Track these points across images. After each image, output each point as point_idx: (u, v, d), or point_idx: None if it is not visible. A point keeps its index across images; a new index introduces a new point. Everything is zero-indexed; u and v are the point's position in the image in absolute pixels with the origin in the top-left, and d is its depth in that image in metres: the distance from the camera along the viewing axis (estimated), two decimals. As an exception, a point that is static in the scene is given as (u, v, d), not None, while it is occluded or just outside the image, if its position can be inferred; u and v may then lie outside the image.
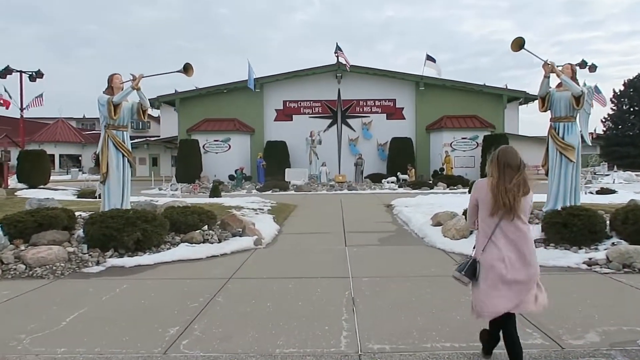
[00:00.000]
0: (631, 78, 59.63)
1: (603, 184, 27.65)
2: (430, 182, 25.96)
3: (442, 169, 28.09)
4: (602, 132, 62.95)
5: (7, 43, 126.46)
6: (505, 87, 31.10)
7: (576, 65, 28.21)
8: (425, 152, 30.10)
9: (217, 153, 29.87)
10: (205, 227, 8.80)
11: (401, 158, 27.87)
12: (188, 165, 27.70)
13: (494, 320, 3.44)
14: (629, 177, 31.19)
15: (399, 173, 26.18)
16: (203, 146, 29.65)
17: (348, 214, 13.61)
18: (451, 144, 29.20)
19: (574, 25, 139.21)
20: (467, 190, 22.83)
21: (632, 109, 59.39)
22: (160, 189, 25.61)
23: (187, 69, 8.57)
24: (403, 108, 30.64)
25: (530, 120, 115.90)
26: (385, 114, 30.66)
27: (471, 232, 8.49)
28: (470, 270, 3.38)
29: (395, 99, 30.65)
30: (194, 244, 8.19)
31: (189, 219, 8.54)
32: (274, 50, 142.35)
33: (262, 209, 14.13)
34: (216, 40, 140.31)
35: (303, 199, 19.46)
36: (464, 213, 9.18)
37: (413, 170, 27.00)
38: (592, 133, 69.43)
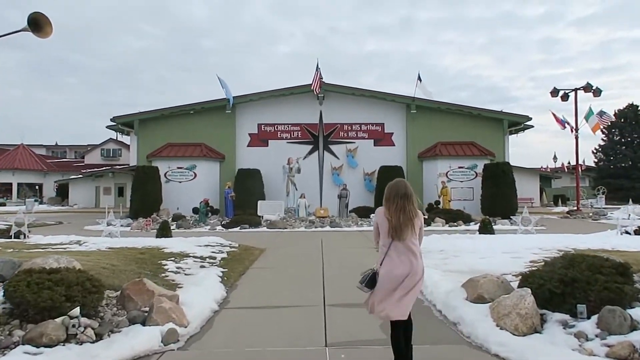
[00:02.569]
0: (622, 108, 58.08)
1: (615, 220, 24.54)
2: (426, 217, 22.44)
3: (437, 202, 24.65)
4: (593, 164, 60.93)
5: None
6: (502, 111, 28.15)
7: (581, 88, 25.15)
8: (417, 183, 26.64)
9: (180, 182, 26.01)
10: (78, 308, 4.94)
11: (391, 189, 24.36)
12: (145, 196, 23.72)
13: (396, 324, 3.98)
14: (634, 210, 28.16)
15: (389, 206, 22.60)
16: (165, 174, 25.79)
17: (330, 264, 9.88)
18: (447, 173, 25.90)
19: (547, 62, 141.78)
20: (476, 227, 19.36)
21: (623, 140, 57.53)
22: (109, 224, 21.60)
23: (37, 23, 4.90)
24: (392, 133, 27.37)
25: (516, 152, 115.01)
26: (372, 140, 27.32)
27: (542, 324, 4.89)
28: (371, 282, 3.98)
29: (383, 123, 27.40)
30: (42, 347, 4.38)
31: (43, 295, 4.72)
32: (256, 79, 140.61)
33: (214, 258, 10.35)
34: (199, 70, 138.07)
35: (275, 239, 15.69)
36: (521, 282, 5.57)
37: (405, 203, 23.48)
38: (581, 165, 67.54)
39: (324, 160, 27.14)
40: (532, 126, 28.72)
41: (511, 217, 22.51)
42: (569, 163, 71.12)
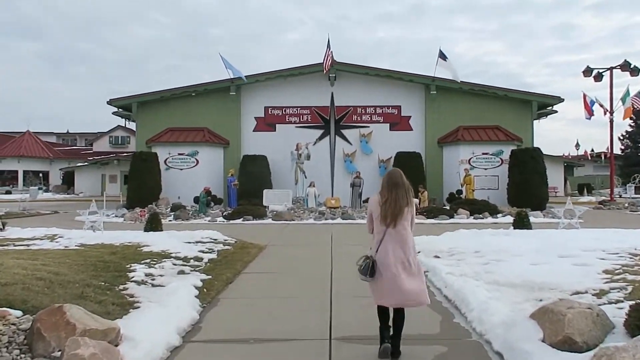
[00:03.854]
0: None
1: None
2: (447, 207, 20.46)
3: (459, 192, 22.59)
4: (619, 152, 58.02)
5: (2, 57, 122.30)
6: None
7: (618, 66, 22.70)
8: (437, 170, 24.63)
9: (181, 169, 24.26)
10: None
11: (408, 178, 22.09)
12: (143, 184, 22.02)
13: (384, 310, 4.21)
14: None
15: (406, 196, 20.59)
16: (165, 161, 24.07)
17: (340, 270, 8.00)
18: (470, 160, 23.75)
19: (563, 48, 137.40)
20: (504, 220, 17.33)
21: (650, 125, 54.48)
22: (106, 214, 20.00)
23: None
24: (410, 117, 25.23)
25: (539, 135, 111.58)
26: (388, 124, 25.22)
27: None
28: (370, 271, 4.11)
29: (400, 106, 25.26)
30: None
31: None
32: (266, 68, 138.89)
33: (200, 259, 8.57)
34: (209, 59, 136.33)
35: (279, 234, 13.87)
36: (633, 314, 3.64)
37: (425, 192, 21.48)
38: (606, 152, 64.38)
39: (335, 146, 25.15)
40: (556, 111, 26.39)
41: (550, 208, 20.41)
42: (592, 150, 68.07)
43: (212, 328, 5.04)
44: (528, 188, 20.78)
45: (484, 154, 23.86)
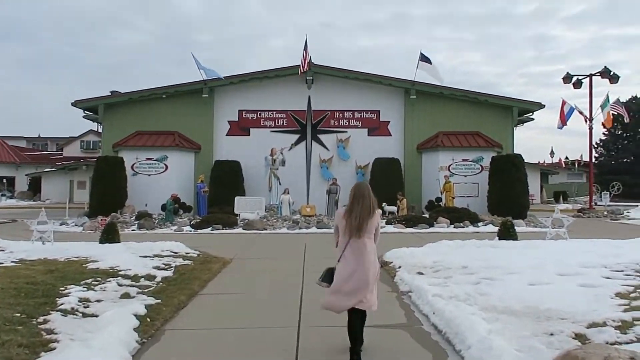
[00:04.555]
0: (624, 101, 55.70)
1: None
2: (426, 216, 19.72)
3: (439, 199, 21.88)
4: (594, 159, 58.60)
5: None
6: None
7: (597, 73, 22.41)
8: (416, 177, 23.90)
9: (149, 175, 22.92)
10: None
11: (387, 184, 21.40)
12: (107, 191, 20.62)
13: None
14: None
15: (384, 204, 19.75)
16: (132, 166, 22.71)
17: (312, 289, 7.01)
18: (449, 167, 23.08)
19: (540, 58, 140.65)
20: (485, 229, 16.62)
21: (625, 134, 55.19)
22: (63, 224, 18.62)
23: None
24: (389, 122, 24.47)
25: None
26: (366, 129, 24.39)
27: None
28: (329, 277, 4.41)
29: (379, 111, 24.48)
30: None
31: None
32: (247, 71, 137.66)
33: (153, 278, 7.50)
34: (191, 65, 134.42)
35: (249, 245, 12.82)
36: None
37: (404, 200, 20.69)
38: (579, 160, 64.87)
39: (312, 152, 24.21)
40: (533, 118, 25.97)
41: (531, 216, 19.86)
42: (566, 158, 68.87)
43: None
44: (509, 196, 20.17)
45: (463, 160, 23.23)
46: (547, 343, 3.87)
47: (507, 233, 11.85)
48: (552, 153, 68.44)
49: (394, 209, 20.42)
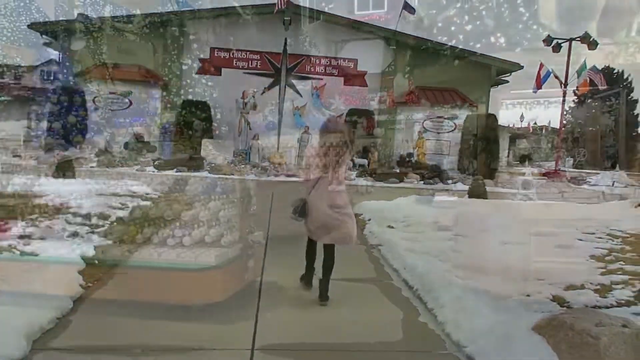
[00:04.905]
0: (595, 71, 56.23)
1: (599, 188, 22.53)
2: (397, 170, 19.60)
3: (410, 155, 21.75)
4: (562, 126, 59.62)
5: None
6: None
7: (577, 38, 22.12)
8: (389, 131, 23.57)
9: (112, 110, 21.75)
10: None
11: (359, 136, 21.11)
12: (66, 124, 19.47)
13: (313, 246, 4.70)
14: (620, 178, 26.28)
15: (355, 156, 19.45)
16: (93, 100, 21.44)
17: (279, 247, 6.69)
18: (423, 122, 22.82)
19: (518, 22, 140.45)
20: (456, 187, 16.59)
21: (594, 103, 56.18)
22: (16, 156, 17.61)
23: None
24: (366, 72, 23.75)
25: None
26: (342, 78, 23.67)
27: None
28: (300, 211, 4.57)
29: (356, 60, 23.62)
30: None
31: None
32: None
33: (108, 217, 6.96)
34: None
35: (214, 189, 12.29)
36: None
37: (376, 153, 20.45)
38: (546, 126, 66.18)
39: (285, 98, 23.40)
40: (508, 81, 25.75)
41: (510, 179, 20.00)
42: (535, 123, 70.07)
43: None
44: (481, 156, 20.18)
45: (438, 117, 22.97)
46: (525, 304, 3.64)
47: (477, 191, 11.77)
48: (522, 117, 69.21)
49: (364, 161, 20.17)
